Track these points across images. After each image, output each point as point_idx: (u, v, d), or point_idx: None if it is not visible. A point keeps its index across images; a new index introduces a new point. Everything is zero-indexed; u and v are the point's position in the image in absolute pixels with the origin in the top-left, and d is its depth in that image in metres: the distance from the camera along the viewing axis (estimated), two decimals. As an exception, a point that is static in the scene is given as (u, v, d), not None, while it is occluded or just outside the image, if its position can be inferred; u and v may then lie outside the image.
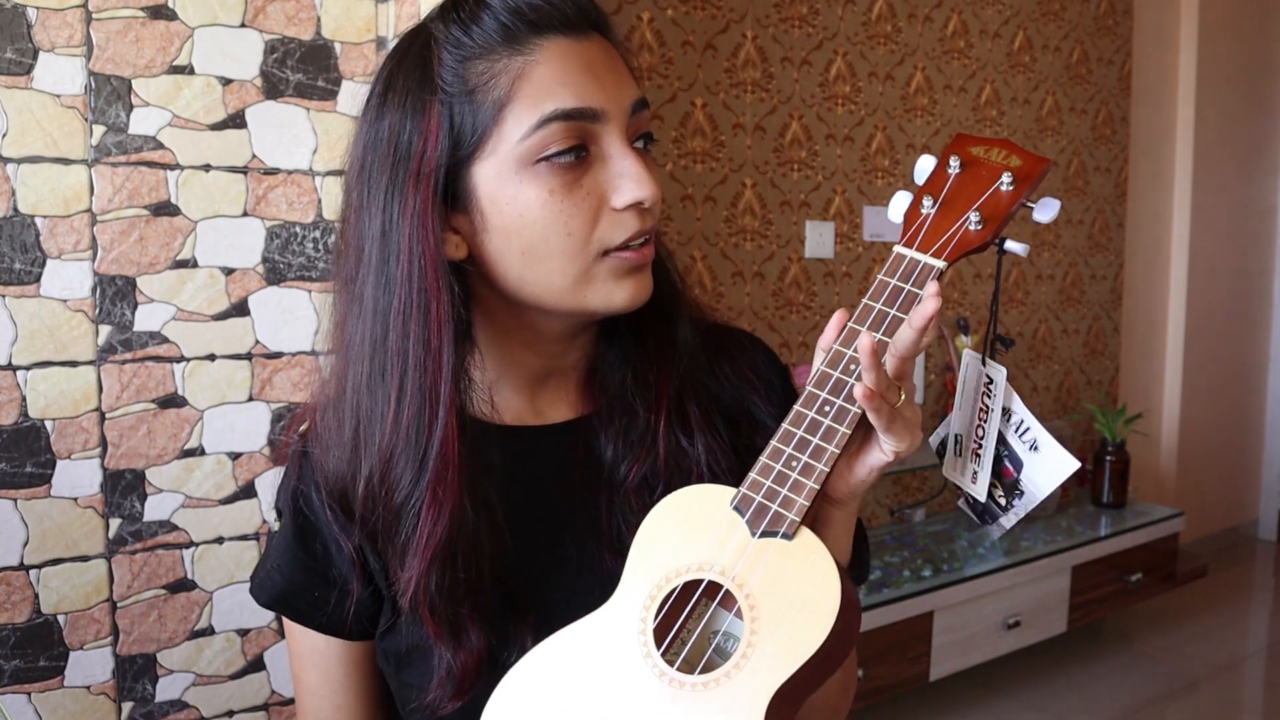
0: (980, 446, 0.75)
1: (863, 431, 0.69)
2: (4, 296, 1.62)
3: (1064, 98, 3.21)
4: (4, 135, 1.60)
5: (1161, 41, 3.56)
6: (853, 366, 0.68)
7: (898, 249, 0.72)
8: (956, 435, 0.77)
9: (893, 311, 0.69)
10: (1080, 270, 3.35)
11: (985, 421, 0.75)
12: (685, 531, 0.69)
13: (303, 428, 0.84)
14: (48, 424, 1.66)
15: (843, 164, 2.66)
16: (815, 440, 0.67)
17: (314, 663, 0.82)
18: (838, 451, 0.67)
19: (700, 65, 2.41)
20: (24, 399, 1.64)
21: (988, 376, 0.75)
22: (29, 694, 1.67)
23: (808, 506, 0.66)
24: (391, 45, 1.90)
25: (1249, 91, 3.86)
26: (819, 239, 2.62)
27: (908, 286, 0.70)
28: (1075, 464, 0.74)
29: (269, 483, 1.86)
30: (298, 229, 1.86)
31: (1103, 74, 3.32)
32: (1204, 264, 3.73)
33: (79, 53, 1.65)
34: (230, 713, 1.85)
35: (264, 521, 1.86)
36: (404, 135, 0.71)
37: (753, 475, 0.68)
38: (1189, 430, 3.72)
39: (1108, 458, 3.06)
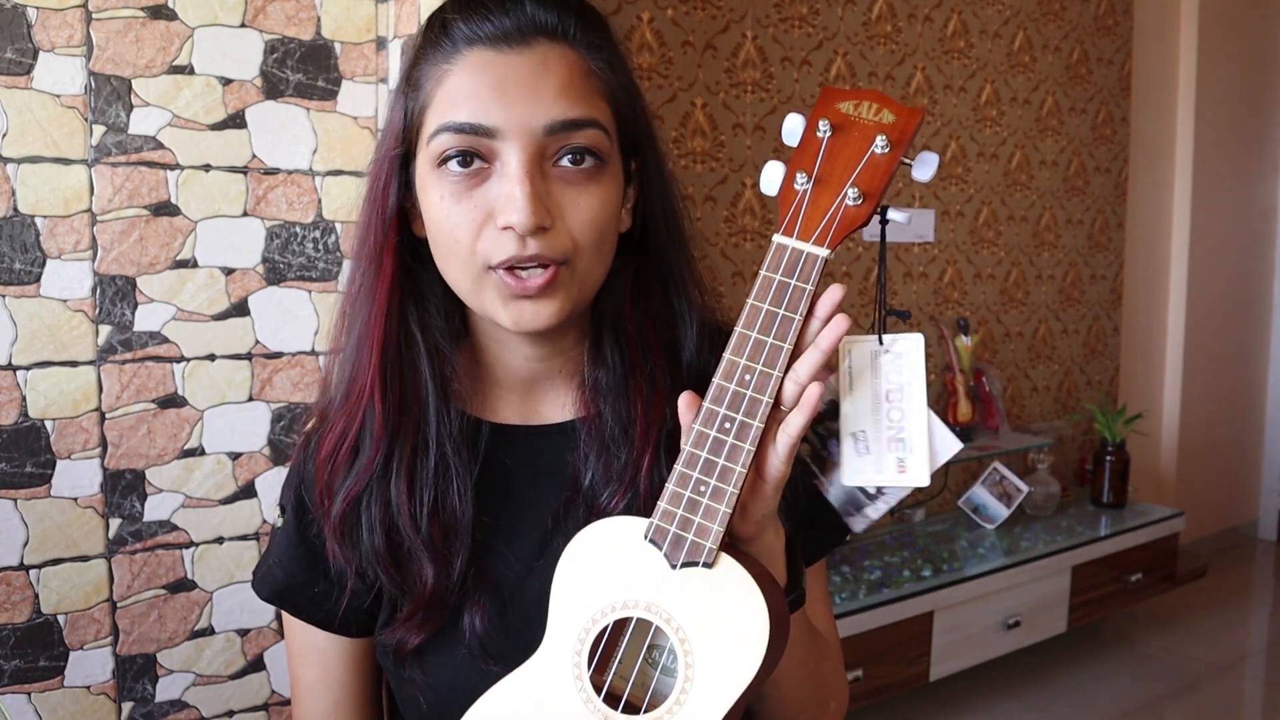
0: (901, 430, 0.70)
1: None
2: (4, 296, 1.62)
3: (1064, 98, 3.21)
4: (4, 135, 1.60)
5: (1161, 41, 3.56)
6: (747, 377, 0.65)
7: (777, 238, 0.67)
8: (855, 434, 0.71)
9: (781, 311, 0.65)
10: (1080, 270, 3.35)
11: (901, 401, 0.70)
12: (604, 569, 0.67)
13: (309, 425, 0.86)
14: (48, 424, 1.66)
15: (843, 164, 2.66)
16: (721, 461, 0.65)
17: (313, 659, 0.82)
18: (744, 471, 0.64)
19: (700, 65, 2.40)
20: (24, 399, 1.64)
21: (890, 352, 0.70)
22: (29, 694, 1.67)
23: (722, 532, 0.64)
24: (391, 44, 1.91)
25: (1249, 91, 3.86)
26: (819, 239, 2.62)
27: (793, 281, 0.66)
28: (958, 444, 0.70)
29: (269, 483, 1.86)
30: (298, 229, 1.86)
31: (1103, 74, 3.32)
32: (1204, 264, 3.73)
33: (79, 53, 1.65)
34: (230, 713, 1.85)
35: (264, 521, 1.86)
36: (390, 119, 0.78)
37: (663, 505, 0.66)
38: (1189, 430, 3.72)
39: (1108, 458, 3.06)
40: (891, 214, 0.69)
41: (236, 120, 1.79)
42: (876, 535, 2.73)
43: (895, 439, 0.70)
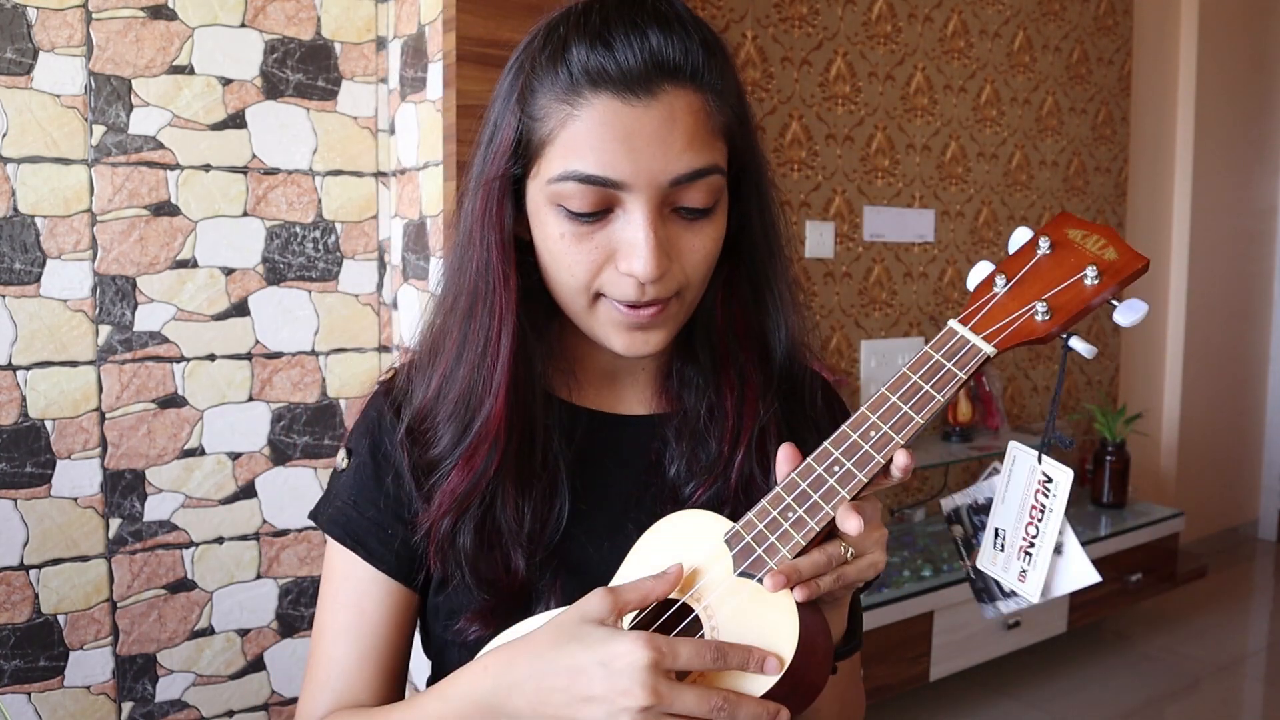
0: (1032, 546, 0.73)
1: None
2: (4, 296, 1.62)
3: (1064, 98, 3.20)
4: (4, 135, 1.60)
5: (1161, 41, 3.56)
6: (872, 433, 0.67)
7: (952, 323, 0.69)
8: (998, 529, 0.75)
9: (926, 387, 0.68)
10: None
11: (1040, 521, 0.73)
12: (676, 553, 0.70)
13: (388, 375, 0.88)
14: (48, 424, 1.66)
15: (843, 164, 2.66)
16: (815, 496, 0.67)
17: (354, 601, 0.82)
18: (834, 513, 0.66)
19: (700, 65, 2.40)
20: (24, 399, 1.64)
21: (1045, 475, 0.73)
22: (29, 694, 1.67)
23: (789, 559, 0.66)
24: (391, 44, 1.90)
25: (1249, 91, 3.86)
26: (819, 239, 2.62)
27: (949, 365, 0.68)
28: (1096, 577, 0.72)
29: (269, 483, 1.86)
30: (298, 229, 1.86)
31: (1103, 74, 3.32)
32: (1204, 264, 3.73)
33: (79, 53, 1.65)
34: (230, 713, 1.85)
35: (264, 521, 1.86)
36: (498, 129, 0.76)
37: (749, 515, 0.68)
38: (1189, 430, 3.72)
39: (1108, 458, 3.06)
40: (1075, 343, 0.68)
41: (236, 120, 1.79)
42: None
43: (1026, 550, 0.74)
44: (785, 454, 0.70)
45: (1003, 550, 0.74)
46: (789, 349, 0.85)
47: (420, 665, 0.88)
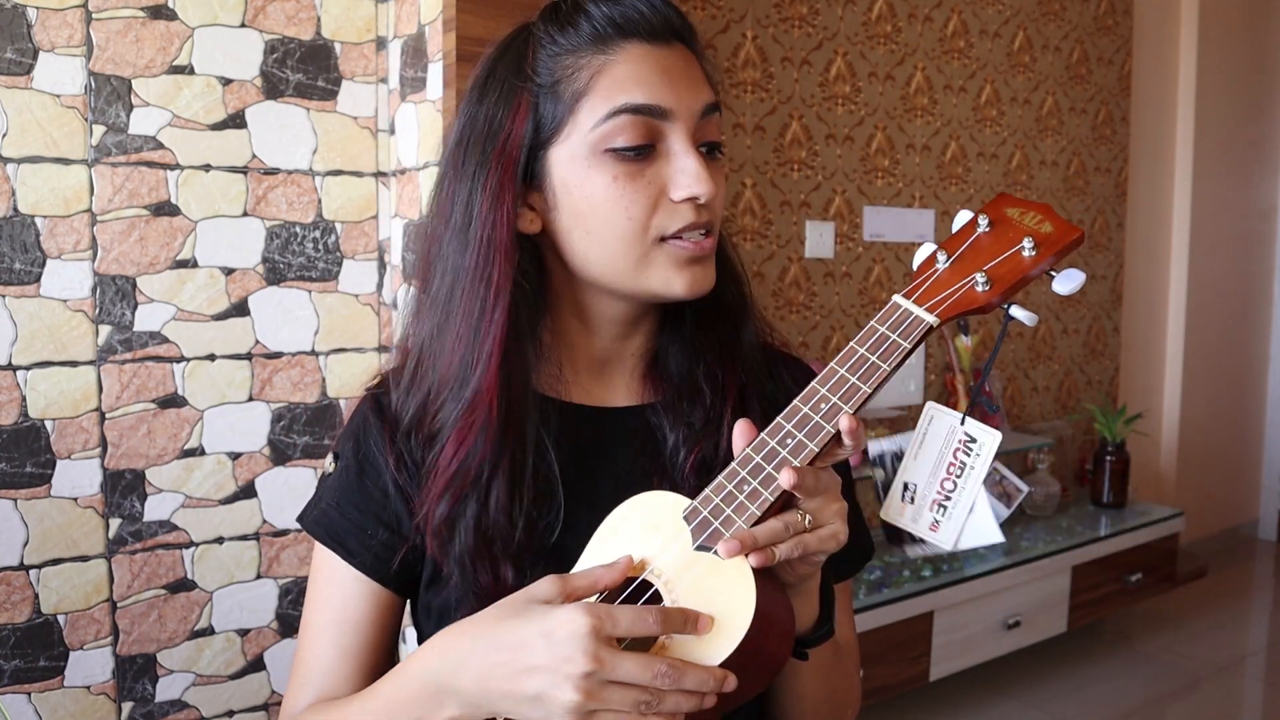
0: (948, 499, 0.76)
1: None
2: (4, 296, 1.62)
3: (1064, 98, 3.20)
4: (4, 135, 1.60)
5: (1161, 41, 3.56)
6: (822, 405, 0.69)
7: (896, 298, 0.73)
8: (907, 484, 0.77)
9: (873, 358, 0.70)
10: (1080, 270, 3.35)
11: (959, 477, 0.75)
12: (638, 531, 0.72)
13: (374, 381, 0.89)
14: (48, 424, 1.66)
15: (843, 164, 2.66)
16: (769, 469, 0.69)
17: (337, 601, 0.83)
18: (786, 485, 0.68)
19: (700, 65, 2.40)
20: (24, 399, 1.64)
21: (968, 435, 0.75)
22: (29, 694, 1.67)
23: (745, 529, 0.68)
24: (391, 44, 1.90)
25: (1249, 91, 3.86)
26: (819, 239, 2.62)
27: (893, 336, 0.71)
28: (1000, 538, 0.74)
29: (269, 482, 1.86)
30: (298, 229, 1.86)
31: (1103, 74, 3.32)
32: (1204, 264, 3.73)
33: (79, 53, 1.65)
34: (230, 713, 1.85)
35: (264, 521, 1.86)
36: (496, 118, 0.79)
37: (706, 491, 0.70)
38: (1189, 430, 3.72)
39: (1108, 458, 3.06)
40: (1015, 310, 0.71)
41: (236, 120, 1.79)
42: (877, 536, 2.72)
43: (940, 503, 0.76)
44: (740, 429, 0.72)
45: (911, 503, 0.76)
46: (751, 315, 0.89)
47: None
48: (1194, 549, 3.55)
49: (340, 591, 0.83)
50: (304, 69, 1.84)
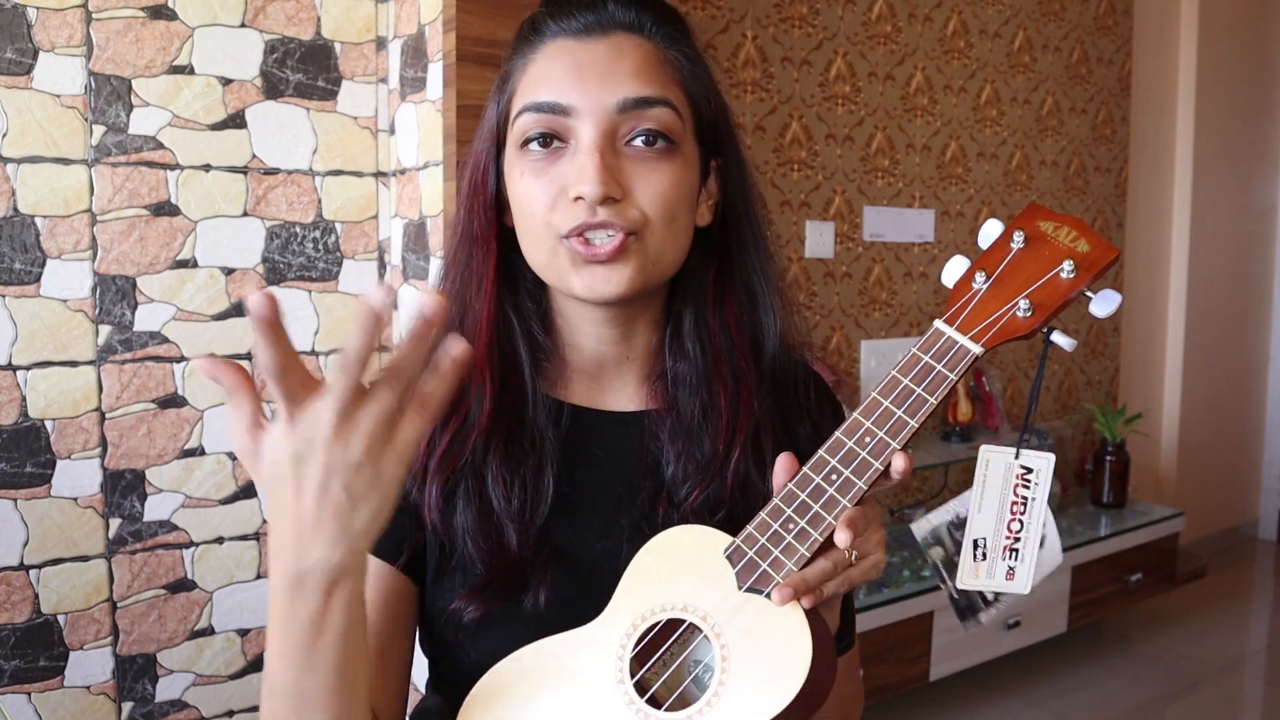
0: (1017, 541, 0.73)
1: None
2: (4, 296, 1.62)
3: (1064, 98, 3.20)
4: (4, 135, 1.60)
5: (1161, 41, 3.56)
6: (868, 439, 0.67)
7: (938, 324, 0.70)
8: (977, 540, 0.74)
9: (919, 390, 0.68)
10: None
11: (1024, 514, 0.73)
12: (676, 570, 0.69)
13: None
14: (48, 424, 1.66)
15: (843, 164, 2.65)
16: (816, 507, 0.67)
17: None
18: (835, 523, 0.66)
19: (700, 65, 2.40)
20: (24, 399, 1.64)
21: (1024, 467, 0.73)
22: (29, 694, 1.67)
23: (796, 572, 0.66)
24: (391, 44, 1.90)
25: (1249, 91, 3.86)
26: (819, 239, 2.61)
27: (939, 366, 0.68)
28: (1060, 557, 0.73)
29: (269, 483, 1.86)
30: (298, 229, 1.86)
31: (1103, 74, 3.32)
32: (1204, 264, 3.73)
33: (79, 53, 1.65)
34: (230, 713, 1.85)
35: (264, 521, 1.86)
36: (487, 116, 0.84)
37: (749, 529, 0.68)
38: (1189, 430, 3.72)
39: (1108, 458, 3.06)
40: (1056, 337, 0.69)
41: (236, 120, 1.79)
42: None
43: (1011, 548, 0.73)
44: (783, 464, 0.70)
45: (984, 559, 0.74)
46: (780, 343, 0.85)
47: (417, 672, 0.88)
48: (1194, 549, 3.55)
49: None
50: (304, 69, 1.84)
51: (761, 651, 0.65)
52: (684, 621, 0.68)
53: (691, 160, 0.79)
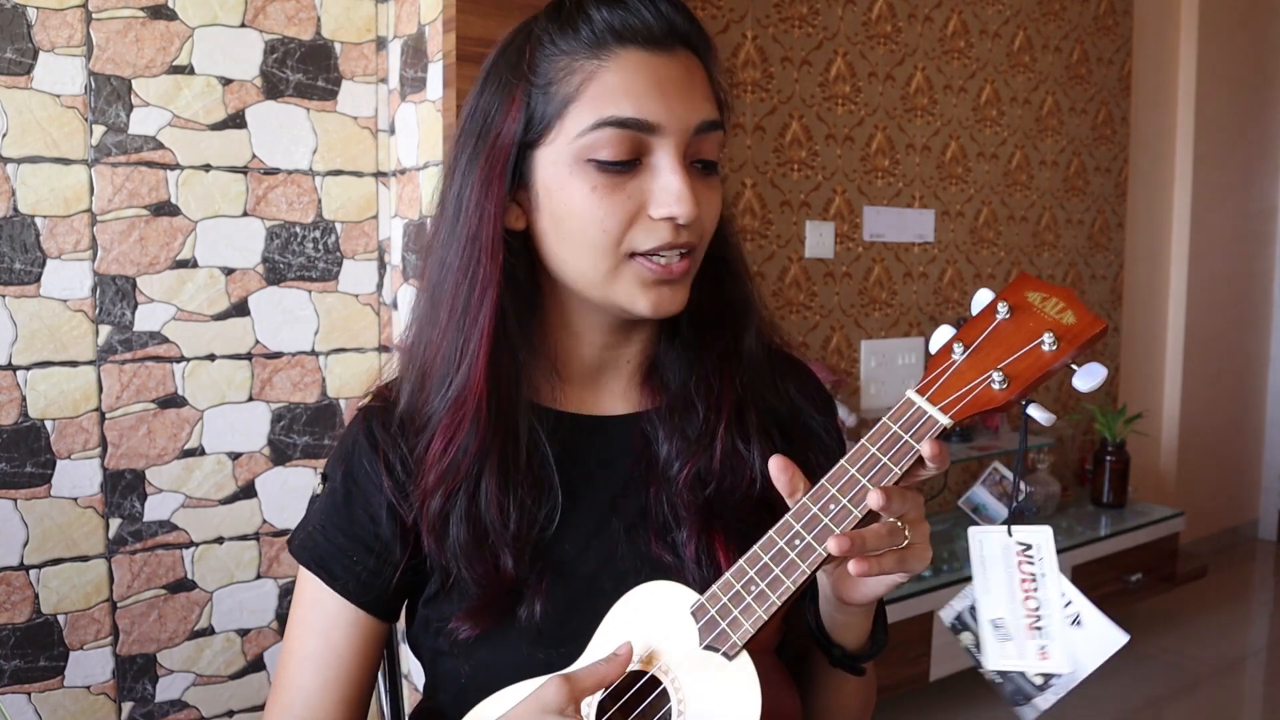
0: (1039, 619, 0.71)
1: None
2: (4, 296, 1.62)
3: (1064, 98, 3.20)
4: (4, 135, 1.60)
5: (1161, 41, 3.56)
6: (832, 506, 0.67)
7: (909, 393, 0.69)
8: (994, 621, 0.72)
9: (884, 459, 0.67)
10: (1080, 270, 3.35)
11: (1037, 590, 0.71)
12: (645, 624, 0.71)
13: (367, 398, 0.88)
14: (48, 424, 1.66)
15: (843, 164, 2.65)
16: (777, 571, 0.67)
17: (320, 629, 0.82)
18: (794, 588, 0.66)
19: (700, 65, 2.40)
20: (24, 399, 1.64)
21: (1021, 544, 0.71)
22: (29, 694, 1.67)
23: (752, 634, 0.67)
24: (391, 44, 1.90)
25: (1249, 91, 3.86)
26: (819, 239, 2.61)
27: (906, 437, 0.67)
28: (1124, 637, 0.70)
29: (269, 483, 1.86)
30: (298, 229, 1.86)
31: (1103, 74, 3.32)
32: (1204, 264, 3.73)
33: (79, 53, 1.65)
34: (230, 713, 1.85)
35: (264, 521, 1.86)
36: (491, 113, 0.78)
37: (714, 589, 0.69)
38: (1189, 430, 3.72)
39: (1108, 458, 3.06)
40: (1033, 410, 0.68)
41: (236, 120, 1.79)
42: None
43: (1034, 627, 0.71)
44: (777, 465, 0.70)
45: (1010, 639, 0.72)
46: (755, 322, 0.87)
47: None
48: (1194, 549, 3.55)
49: (324, 619, 0.82)
50: (304, 69, 1.84)
51: (714, 709, 0.67)
52: (646, 674, 0.70)
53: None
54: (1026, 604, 0.71)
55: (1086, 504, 3.12)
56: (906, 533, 0.67)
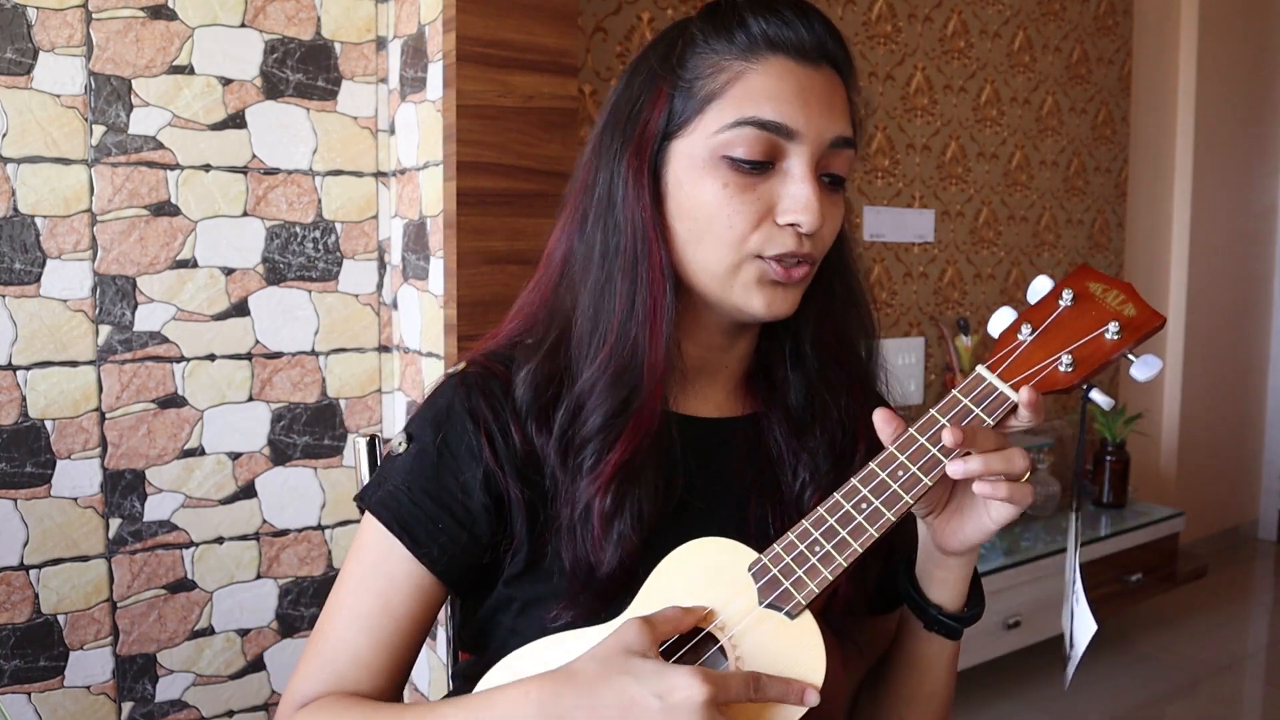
0: (1073, 596, 0.76)
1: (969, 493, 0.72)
2: (4, 296, 1.62)
3: (1064, 98, 3.20)
4: (4, 135, 1.60)
5: (1161, 41, 3.56)
6: (900, 473, 0.69)
7: (980, 369, 0.71)
8: (1068, 594, 0.78)
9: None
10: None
11: (1072, 577, 0.76)
12: (700, 579, 0.70)
13: (458, 366, 0.86)
14: (48, 424, 1.66)
15: (843, 164, 2.65)
16: (843, 533, 0.68)
17: (384, 589, 0.79)
18: (861, 550, 0.67)
19: (700, 65, 2.39)
20: (24, 399, 1.64)
21: (1071, 529, 0.76)
22: (29, 694, 1.67)
23: (817, 594, 0.67)
24: (391, 44, 1.90)
25: (1249, 91, 3.86)
26: (819, 239, 2.61)
27: (977, 410, 0.69)
28: (1094, 626, 0.75)
29: (269, 482, 1.86)
30: (298, 229, 1.86)
31: (1103, 74, 3.32)
32: (1204, 264, 3.73)
33: (79, 53, 1.65)
34: (230, 713, 1.85)
35: (264, 521, 1.86)
36: (639, 103, 0.80)
37: (776, 548, 0.70)
38: (1189, 430, 3.72)
39: (1108, 458, 3.06)
40: (1095, 394, 0.71)
41: (236, 120, 1.79)
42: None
43: (1073, 603, 0.77)
44: (882, 416, 0.72)
45: (1065, 603, 0.78)
46: (869, 348, 0.90)
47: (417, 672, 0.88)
48: (1194, 549, 3.55)
49: (390, 581, 0.79)
50: (304, 69, 1.84)
51: (775, 667, 0.66)
52: (701, 630, 0.69)
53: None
54: (1070, 576, 0.76)
55: (1087, 504, 3.12)
56: (1017, 460, 0.68)
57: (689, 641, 0.70)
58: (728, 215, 0.76)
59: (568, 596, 0.76)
